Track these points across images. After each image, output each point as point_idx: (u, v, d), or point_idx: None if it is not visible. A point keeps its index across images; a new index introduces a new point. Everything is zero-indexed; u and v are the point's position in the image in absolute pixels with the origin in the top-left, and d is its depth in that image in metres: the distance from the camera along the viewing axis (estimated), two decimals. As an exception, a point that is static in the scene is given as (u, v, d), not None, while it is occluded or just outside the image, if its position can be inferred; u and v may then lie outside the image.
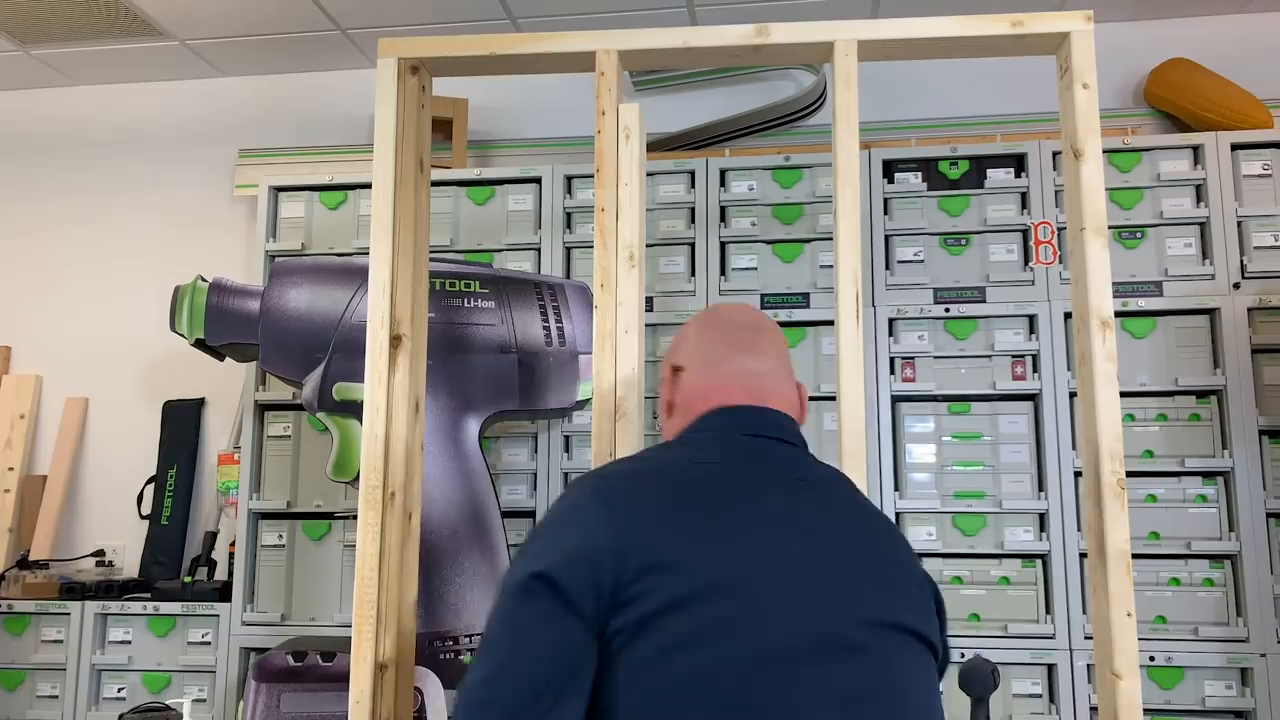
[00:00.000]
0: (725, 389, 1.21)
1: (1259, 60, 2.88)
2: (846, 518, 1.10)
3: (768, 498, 1.06)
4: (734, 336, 1.26)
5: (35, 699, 2.71)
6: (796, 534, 1.04)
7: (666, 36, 1.66)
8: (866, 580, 1.04)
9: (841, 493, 1.15)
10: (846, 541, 1.07)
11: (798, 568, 1.01)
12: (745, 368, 1.23)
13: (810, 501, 1.09)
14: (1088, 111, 1.54)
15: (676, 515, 1.01)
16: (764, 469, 1.11)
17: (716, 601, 0.95)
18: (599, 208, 1.64)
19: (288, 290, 2.38)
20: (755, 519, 1.03)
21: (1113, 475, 1.48)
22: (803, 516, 1.06)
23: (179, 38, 3.11)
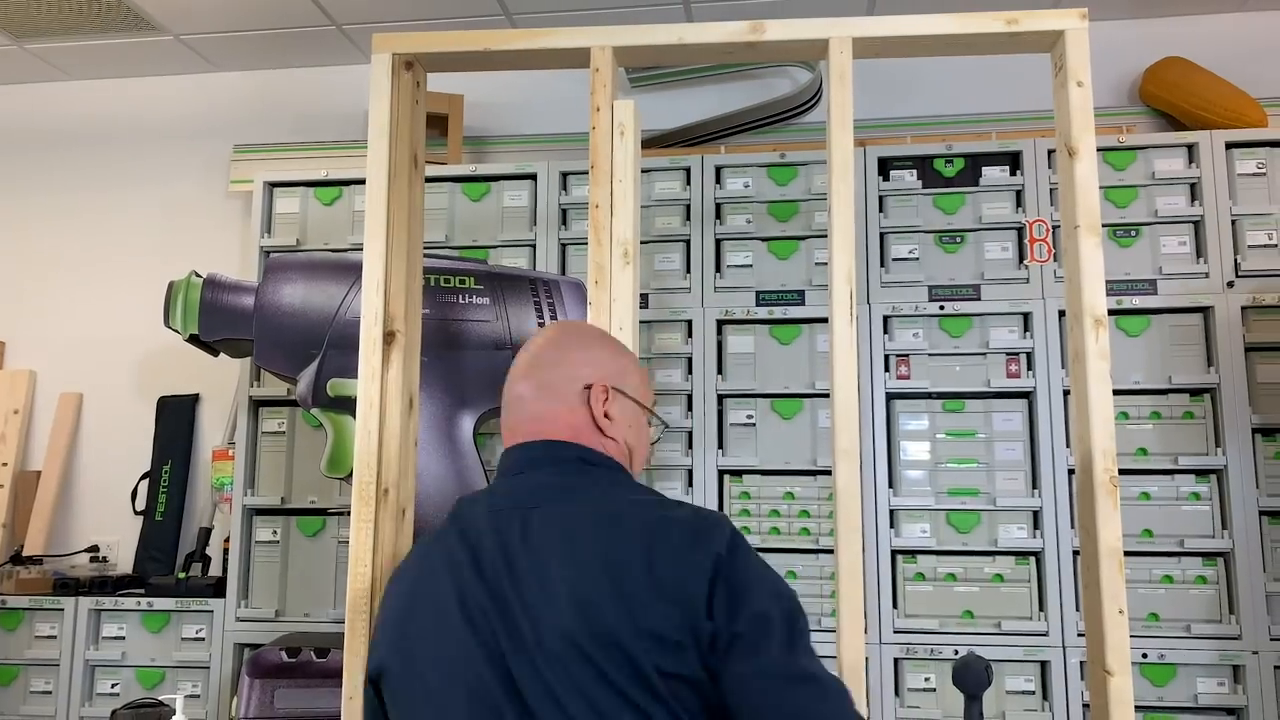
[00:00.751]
0: (507, 433, 1.24)
1: (1254, 59, 2.89)
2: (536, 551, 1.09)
3: (459, 567, 1.13)
4: (512, 371, 1.26)
5: (29, 695, 2.71)
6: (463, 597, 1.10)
7: (661, 33, 1.66)
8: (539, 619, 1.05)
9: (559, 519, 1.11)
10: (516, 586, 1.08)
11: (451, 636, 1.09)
12: (509, 400, 1.24)
13: (507, 546, 1.11)
14: (1082, 109, 1.54)
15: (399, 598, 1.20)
16: (465, 539, 1.14)
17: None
18: (593, 204, 1.64)
19: (282, 286, 2.37)
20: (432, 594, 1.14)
21: (1105, 473, 1.48)
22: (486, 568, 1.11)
23: (174, 33, 3.10)
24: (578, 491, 1.14)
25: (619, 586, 1.02)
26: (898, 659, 2.44)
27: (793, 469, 2.56)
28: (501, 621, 1.05)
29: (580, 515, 1.10)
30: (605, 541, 1.06)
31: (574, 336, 1.26)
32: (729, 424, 2.60)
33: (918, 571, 2.49)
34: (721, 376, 2.62)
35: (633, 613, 1.00)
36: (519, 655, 1.03)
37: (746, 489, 2.56)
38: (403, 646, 1.14)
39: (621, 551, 1.04)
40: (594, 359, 1.23)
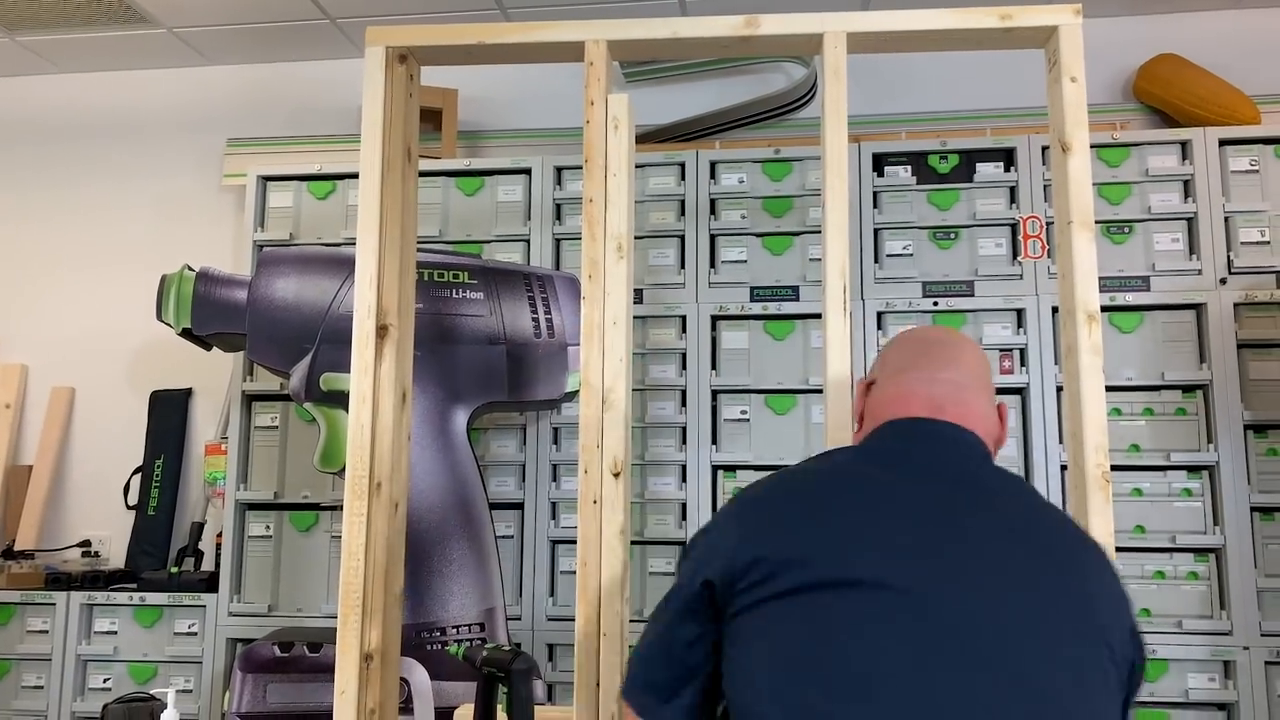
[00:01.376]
0: (907, 399, 1.19)
1: (1247, 56, 2.89)
2: (1009, 524, 1.05)
3: (898, 498, 1.06)
4: (926, 350, 1.25)
5: (20, 689, 2.70)
6: (928, 533, 1.02)
7: (656, 27, 1.65)
8: (1014, 594, 0.99)
9: (1016, 500, 1.09)
10: (997, 549, 1.02)
11: (913, 563, 1.00)
12: (932, 377, 1.20)
13: (961, 502, 1.06)
14: (1076, 105, 1.55)
15: (795, 517, 1.06)
16: (907, 471, 1.10)
17: (827, 592, 0.99)
18: (587, 198, 1.64)
19: (275, 280, 2.37)
20: (873, 517, 1.04)
21: (1097, 468, 1.48)
22: (946, 516, 1.04)
23: (167, 25, 3.08)
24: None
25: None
26: (890, 654, 2.44)
27: (786, 464, 2.56)
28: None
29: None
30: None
31: (978, 351, 1.29)
32: (723, 419, 2.60)
33: (911, 567, 2.49)
34: (715, 372, 2.62)
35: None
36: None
37: (740, 484, 2.56)
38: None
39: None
40: (989, 381, 1.27)
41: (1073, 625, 0.99)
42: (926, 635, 0.95)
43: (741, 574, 1.03)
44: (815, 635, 0.97)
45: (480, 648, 1.49)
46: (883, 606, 0.97)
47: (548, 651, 2.56)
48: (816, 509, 1.06)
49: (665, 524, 2.57)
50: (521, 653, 1.46)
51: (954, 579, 0.99)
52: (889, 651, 0.94)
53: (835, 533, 1.03)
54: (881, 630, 0.96)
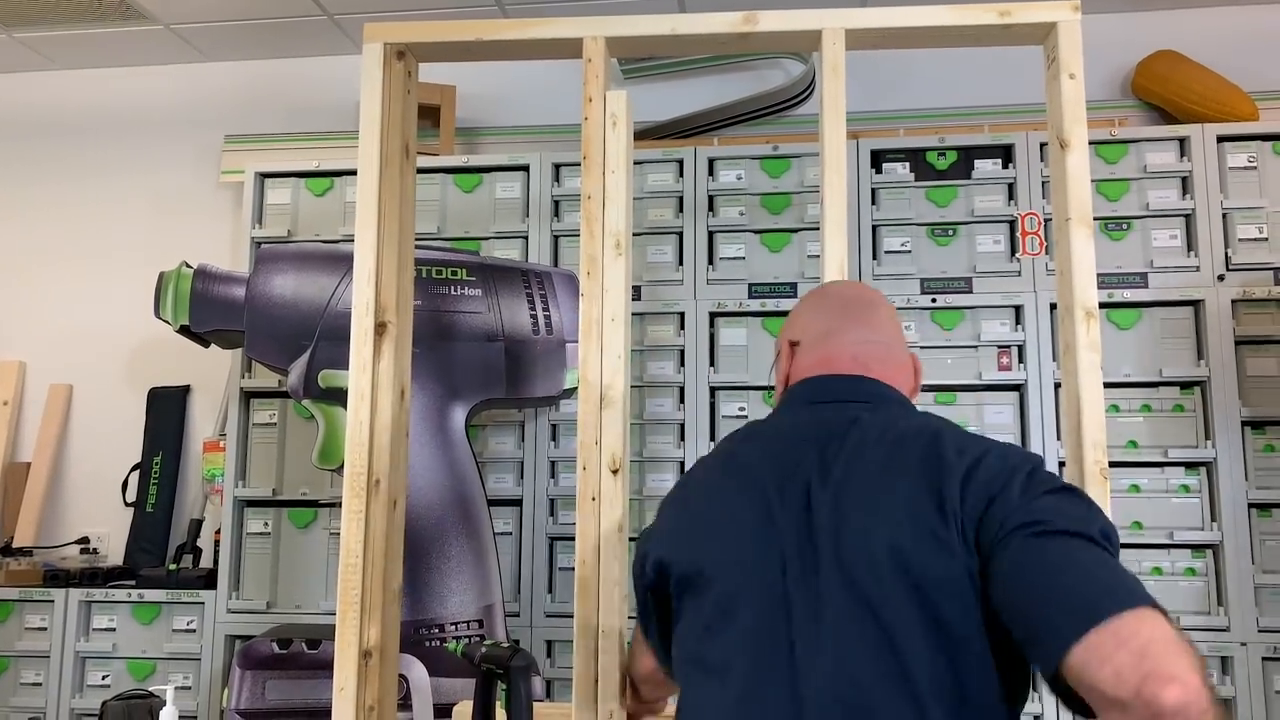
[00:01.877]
0: (832, 362, 1.22)
1: (1245, 53, 2.89)
2: (878, 465, 1.08)
3: (786, 463, 1.12)
4: (846, 310, 1.27)
5: (19, 686, 2.70)
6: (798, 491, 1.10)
7: (654, 23, 1.65)
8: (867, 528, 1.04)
9: (897, 441, 1.11)
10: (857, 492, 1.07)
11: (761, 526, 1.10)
12: (857, 339, 1.23)
13: (844, 453, 1.09)
14: (1074, 101, 1.55)
15: (676, 520, 1.23)
16: (801, 434, 1.15)
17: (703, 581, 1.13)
18: (585, 195, 1.64)
19: (273, 277, 2.37)
20: (748, 486, 1.14)
21: (1096, 464, 1.49)
22: (827, 470, 1.09)
23: (164, 22, 3.08)
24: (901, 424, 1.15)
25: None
26: (888, 650, 2.45)
27: (785, 461, 2.56)
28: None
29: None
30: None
31: (890, 306, 1.32)
32: (721, 416, 2.60)
33: (909, 563, 2.49)
34: (714, 369, 2.62)
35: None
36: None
37: (738, 481, 2.56)
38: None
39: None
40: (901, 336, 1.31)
41: (901, 504, 1.03)
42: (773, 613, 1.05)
43: (655, 571, 1.20)
44: (690, 628, 1.13)
45: (479, 644, 1.49)
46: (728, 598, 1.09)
47: (546, 648, 2.56)
48: (685, 510, 1.22)
49: (664, 521, 2.57)
50: (520, 649, 1.46)
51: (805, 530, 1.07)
52: (733, 643, 1.06)
53: (696, 533, 1.17)
54: (726, 623, 1.08)
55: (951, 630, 0.99)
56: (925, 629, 0.99)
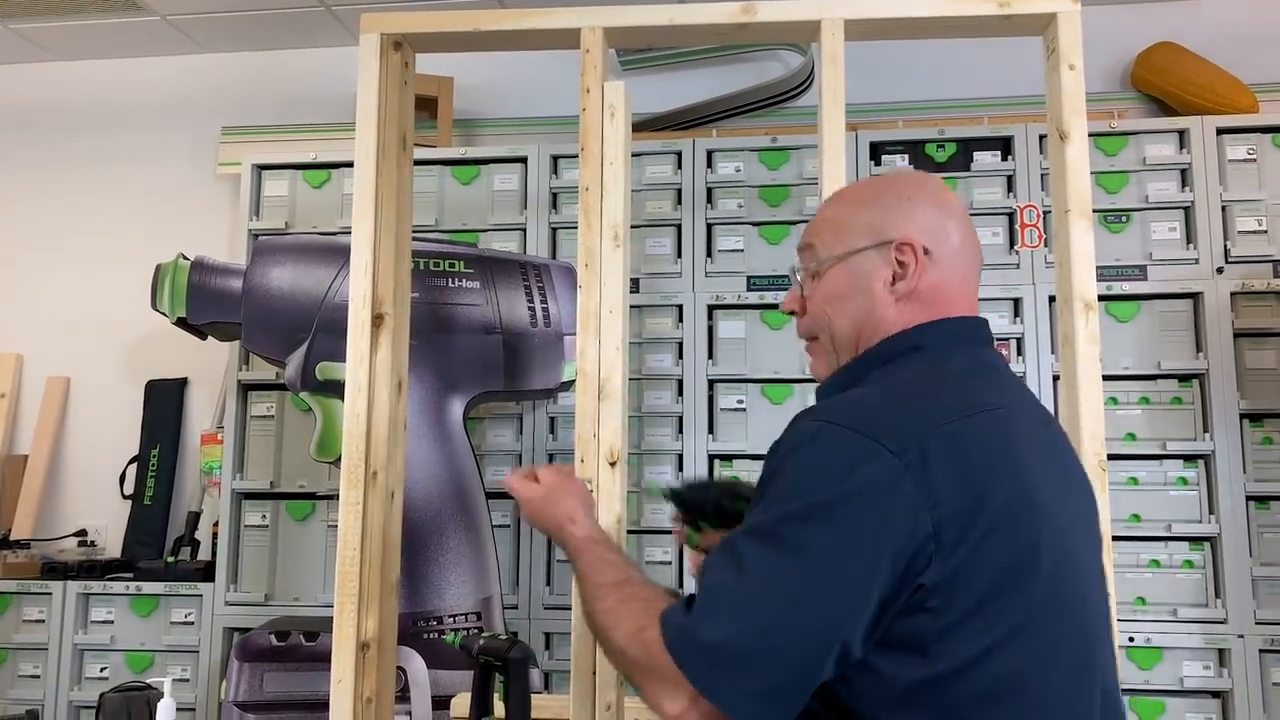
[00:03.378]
0: (971, 298, 1.03)
1: (1245, 45, 2.88)
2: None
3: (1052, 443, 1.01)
4: (972, 233, 1.05)
5: (17, 678, 2.70)
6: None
7: (652, 14, 1.65)
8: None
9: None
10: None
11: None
12: (977, 268, 1.06)
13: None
14: (1074, 93, 1.54)
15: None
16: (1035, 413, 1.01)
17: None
18: (583, 187, 1.63)
19: (270, 269, 2.36)
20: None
21: (1094, 456, 1.48)
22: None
23: (161, 13, 3.06)
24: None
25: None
26: (886, 643, 2.45)
27: (783, 454, 2.56)
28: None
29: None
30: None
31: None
32: (719, 409, 2.60)
33: (907, 556, 2.49)
34: (712, 361, 2.62)
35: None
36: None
37: (737, 473, 2.56)
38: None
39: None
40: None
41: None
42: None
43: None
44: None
45: (477, 636, 1.49)
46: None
47: (544, 640, 2.56)
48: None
49: (662, 514, 2.57)
50: (518, 641, 1.46)
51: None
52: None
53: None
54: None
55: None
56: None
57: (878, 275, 0.99)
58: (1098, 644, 0.95)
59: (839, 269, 1.02)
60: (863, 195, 1.05)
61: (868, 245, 1.00)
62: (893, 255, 0.99)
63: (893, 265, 0.99)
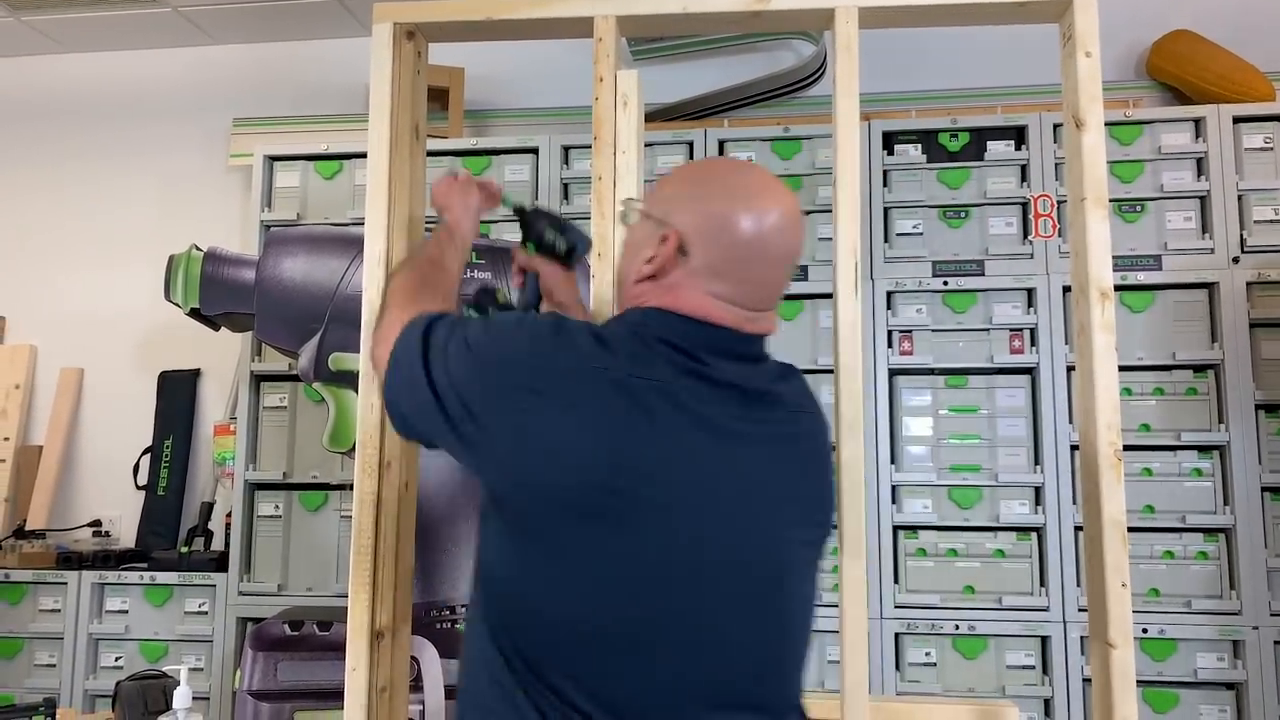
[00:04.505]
0: (738, 313, 1.07)
1: (1261, 33, 2.86)
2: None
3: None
4: (778, 267, 1.08)
5: (33, 668, 2.72)
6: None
7: (665, 2, 1.64)
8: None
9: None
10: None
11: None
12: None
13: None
14: (1090, 80, 1.52)
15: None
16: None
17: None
18: (596, 175, 1.62)
19: (283, 260, 2.36)
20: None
21: (1109, 446, 1.47)
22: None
23: (173, 4, 3.07)
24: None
25: None
26: (899, 634, 2.45)
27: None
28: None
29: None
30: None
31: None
32: (731, 399, 2.59)
33: (919, 547, 2.49)
34: (724, 352, 2.61)
35: None
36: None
37: (748, 464, 2.56)
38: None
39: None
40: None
41: None
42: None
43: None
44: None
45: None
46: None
47: (556, 630, 2.56)
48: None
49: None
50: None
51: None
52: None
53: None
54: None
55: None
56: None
57: (647, 247, 1.08)
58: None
59: (640, 224, 1.12)
60: (697, 174, 1.13)
61: (656, 217, 1.09)
62: (658, 237, 1.07)
63: (655, 248, 1.06)
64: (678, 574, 0.99)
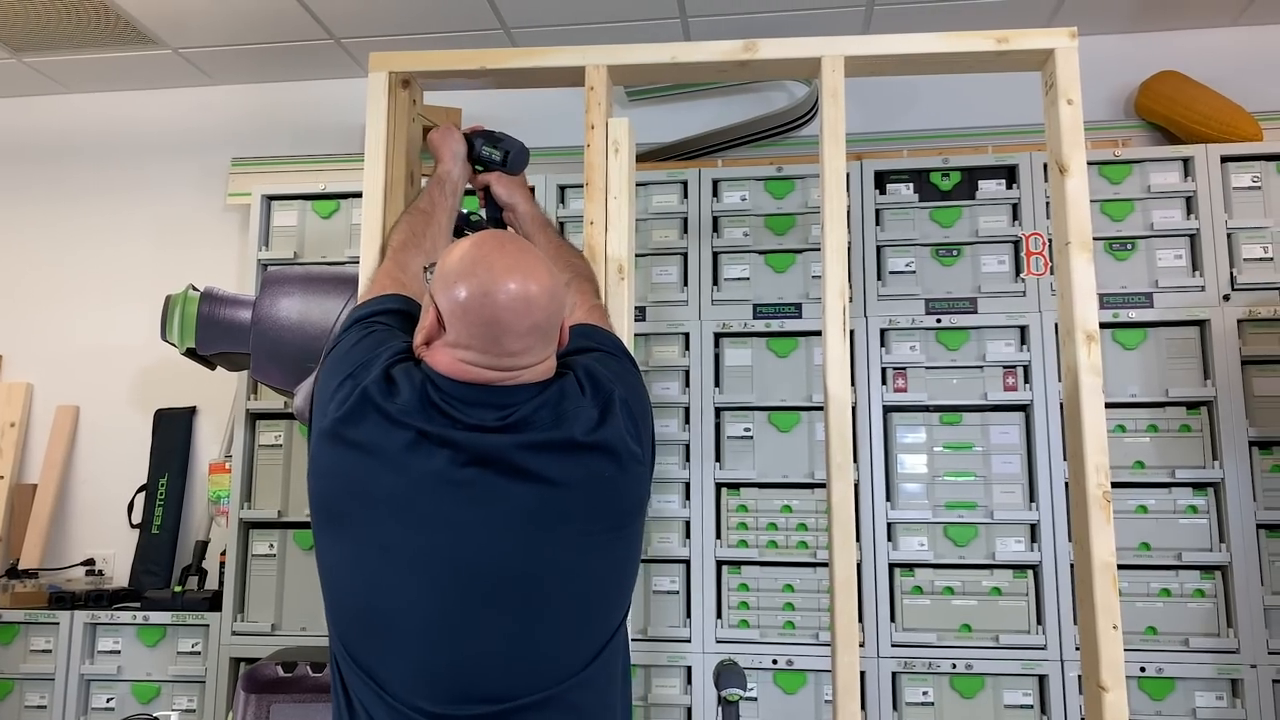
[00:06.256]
0: (481, 370, 1.25)
1: (1249, 73, 2.89)
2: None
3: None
4: (522, 337, 1.25)
5: (24, 709, 2.70)
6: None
7: (655, 52, 1.67)
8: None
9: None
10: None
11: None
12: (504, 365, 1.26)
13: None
14: (1072, 127, 1.55)
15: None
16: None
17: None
18: (588, 221, 1.65)
19: (279, 299, 2.37)
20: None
21: (1098, 488, 1.48)
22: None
23: (172, 46, 3.11)
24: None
25: None
26: (895, 673, 2.44)
27: (790, 482, 2.56)
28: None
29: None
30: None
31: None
32: (726, 436, 2.60)
33: (915, 585, 2.48)
34: (719, 389, 2.62)
35: None
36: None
37: (744, 502, 2.56)
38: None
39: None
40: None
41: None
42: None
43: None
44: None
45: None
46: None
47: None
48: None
49: (669, 542, 2.56)
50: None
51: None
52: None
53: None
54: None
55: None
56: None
57: (426, 315, 1.29)
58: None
59: (427, 297, 1.31)
60: (454, 259, 1.28)
61: (429, 293, 1.29)
62: (429, 310, 1.28)
63: (428, 316, 1.28)
64: (413, 577, 1.20)
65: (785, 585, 2.52)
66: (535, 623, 1.22)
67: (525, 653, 1.21)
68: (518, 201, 1.71)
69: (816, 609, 2.50)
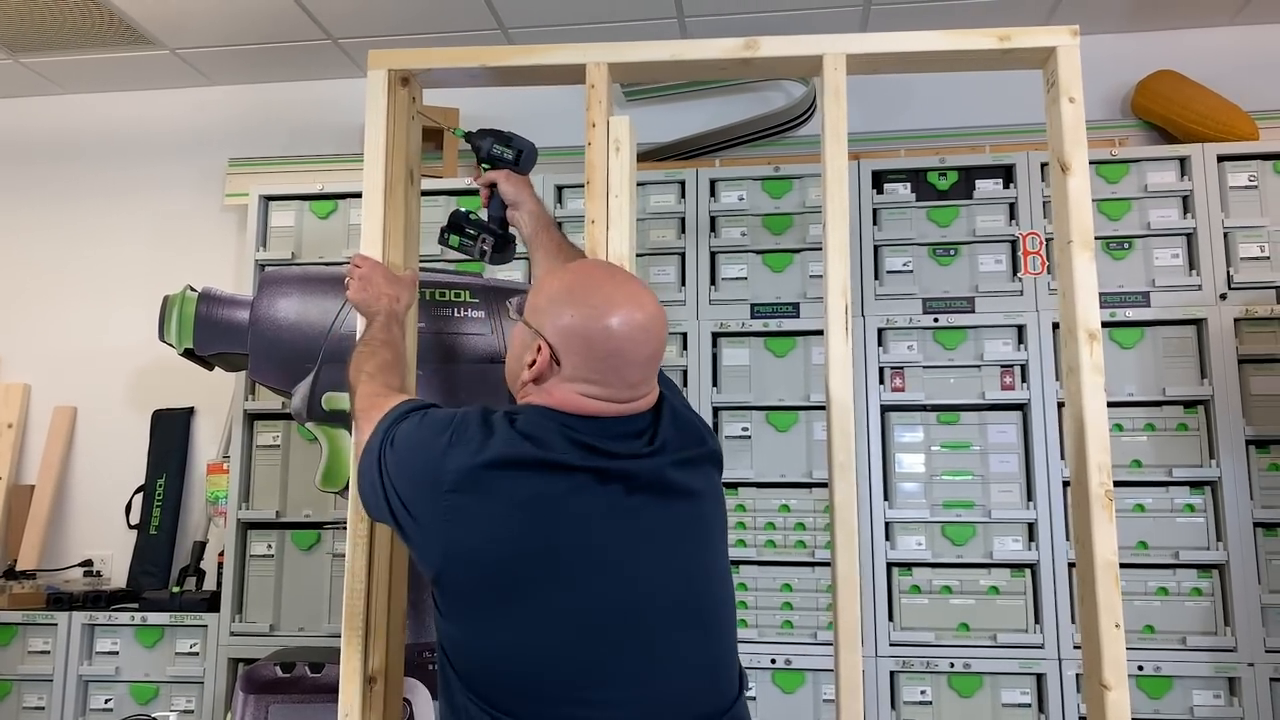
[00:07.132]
0: (606, 404, 1.25)
1: (1245, 72, 2.90)
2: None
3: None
4: (641, 366, 1.25)
5: (22, 710, 2.69)
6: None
7: (656, 49, 1.66)
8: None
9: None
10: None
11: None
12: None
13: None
14: (1074, 125, 1.55)
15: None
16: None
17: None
18: (589, 220, 1.64)
19: (277, 300, 2.37)
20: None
21: (1100, 487, 1.48)
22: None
23: (169, 47, 3.10)
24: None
25: None
26: (894, 672, 2.44)
27: (788, 481, 2.56)
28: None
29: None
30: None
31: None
32: (724, 436, 2.60)
33: (913, 584, 2.48)
34: (717, 389, 2.62)
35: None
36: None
37: (742, 502, 2.56)
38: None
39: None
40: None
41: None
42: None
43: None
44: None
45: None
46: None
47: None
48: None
49: (667, 542, 2.56)
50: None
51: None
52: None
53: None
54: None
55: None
56: None
57: (527, 353, 1.26)
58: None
59: (520, 328, 1.30)
60: (560, 289, 1.26)
61: (533, 327, 1.27)
62: (534, 346, 1.25)
63: (534, 353, 1.25)
64: (610, 620, 1.17)
65: (784, 585, 2.52)
66: (716, 632, 1.26)
67: (716, 663, 1.25)
68: (525, 199, 1.71)
69: (815, 608, 2.50)
